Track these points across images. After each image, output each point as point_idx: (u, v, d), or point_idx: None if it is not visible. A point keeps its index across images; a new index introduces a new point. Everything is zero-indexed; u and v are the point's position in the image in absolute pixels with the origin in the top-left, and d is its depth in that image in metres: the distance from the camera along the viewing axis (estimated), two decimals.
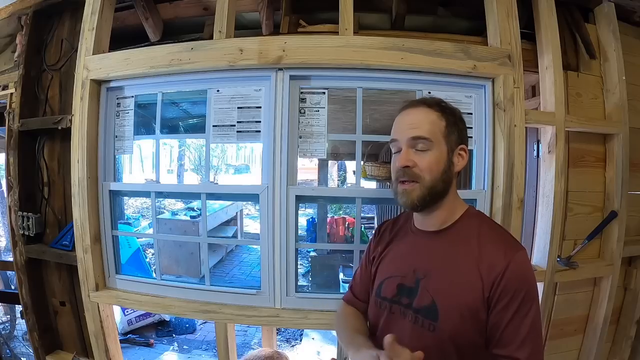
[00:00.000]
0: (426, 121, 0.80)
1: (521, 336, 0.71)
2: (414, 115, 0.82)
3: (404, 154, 0.80)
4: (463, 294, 0.75)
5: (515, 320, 0.72)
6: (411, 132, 0.80)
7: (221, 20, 1.32)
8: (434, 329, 0.76)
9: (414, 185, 0.79)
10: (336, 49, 1.25)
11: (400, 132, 0.82)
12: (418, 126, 0.80)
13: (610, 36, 1.46)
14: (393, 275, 0.86)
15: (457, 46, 1.26)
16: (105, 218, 1.48)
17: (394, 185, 0.84)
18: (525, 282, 0.74)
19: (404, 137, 0.81)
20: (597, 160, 1.50)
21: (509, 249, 0.76)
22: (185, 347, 3.12)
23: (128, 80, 1.43)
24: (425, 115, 0.81)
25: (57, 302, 1.71)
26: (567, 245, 1.46)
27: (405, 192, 0.80)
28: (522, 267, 0.75)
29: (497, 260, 0.74)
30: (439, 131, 0.80)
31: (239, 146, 9.82)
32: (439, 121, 0.81)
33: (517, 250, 0.76)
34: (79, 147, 1.42)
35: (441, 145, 0.80)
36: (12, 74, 1.75)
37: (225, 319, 1.37)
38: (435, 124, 0.80)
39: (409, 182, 0.79)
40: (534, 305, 0.73)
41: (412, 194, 0.79)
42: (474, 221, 0.84)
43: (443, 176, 0.80)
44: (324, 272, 3.62)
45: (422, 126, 0.80)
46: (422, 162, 0.79)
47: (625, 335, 1.62)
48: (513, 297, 0.72)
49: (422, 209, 0.81)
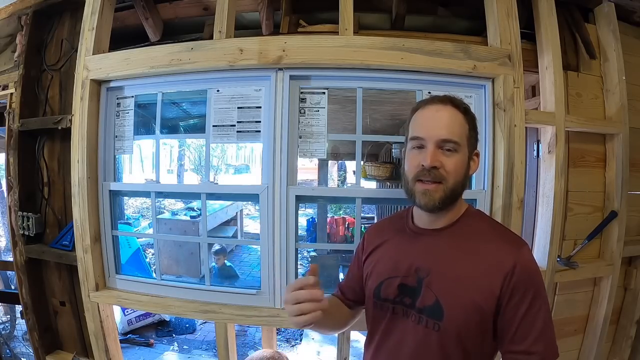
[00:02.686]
0: (456, 123, 0.78)
1: (537, 330, 0.71)
2: (443, 113, 0.78)
3: (432, 153, 0.76)
4: (469, 292, 0.74)
5: (529, 315, 0.72)
6: (442, 133, 0.76)
7: (221, 20, 1.32)
8: (439, 329, 0.76)
9: (438, 187, 0.77)
10: (336, 49, 1.25)
11: (427, 130, 0.78)
12: (449, 127, 0.77)
13: (610, 36, 1.46)
14: (392, 275, 0.85)
15: (457, 46, 1.26)
16: (105, 218, 1.48)
17: (410, 184, 0.80)
18: (535, 277, 0.74)
19: (433, 136, 0.77)
20: (597, 160, 1.50)
21: (514, 246, 0.77)
22: (185, 347, 3.12)
23: (128, 80, 1.43)
24: (454, 116, 0.79)
25: (57, 302, 1.71)
26: (567, 245, 1.46)
27: (428, 192, 0.77)
28: (530, 263, 0.76)
29: (505, 257, 0.74)
30: (464, 135, 0.79)
31: (239, 146, 9.82)
32: (464, 124, 0.80)
33: (522, 246, 0.77)
34: (79, 147, 1.42)
35: (465, 149, 0.79)
36: (12, 74, 1.75)
37: (225, 319, 1.37)
38: (462, 127, 0.79)
39: (432, 182, 0.77)
40: (545, 299, 0.74)
41: (435, 195, 0.77)
42: (475, 219, 0.84)
43: (463, 180, 0.80)
44: (324, 272, 3.62)
45: (453, 128, 0.77)
46: (449, 164, 0.76)
47: (625, 335, 1.62)
48: (525, 292, 0.72)
49: (440, 210, 0.80)
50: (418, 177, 0.78)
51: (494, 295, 0.73)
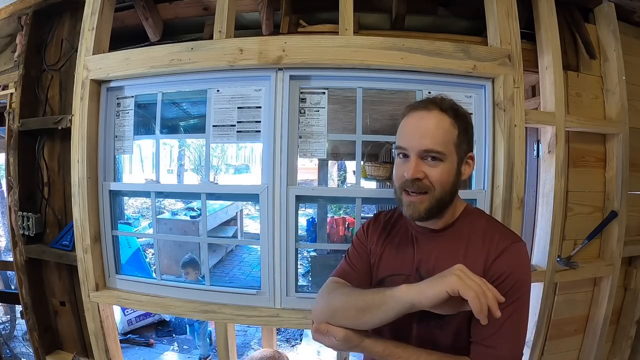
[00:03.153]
0: (440, 131, 0.74)
1: (498, 325, 0.68)
2: (427, 121, 0.74)
3: (414, 164, 0.73)
4: None
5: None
6: (423, 143, 0.73)
7: (221, 20, 1.32)
8: (442, 327, 0.76)
9: (423, 197, 0.75)
10: (336, 49, 1.25)
11: (410, 140, 0.75)
12: (431, 137, 0.73)
13: (610, 36, 1.46)
14: (396, 273, 0.84)
15: (457, 46, 1.26)
16: (105, 218, 1.48)
17: (397, 193, 0.79)
18: (516, 271, 0.72)
19: (415, 147, 0.74)
20: (597, 160, 1.50)
21: (506, 239, 0.76)
22: (185, 347, 3.12)
23: (128, 80, 1.43)
24: (438, 122, 0.74)
25: (57, 302, 1.71)
26: (567, 245, 1.46)
27: (413, 205, 0.75)
28: (517, 256, 0.74)
29: (494, 249, 0.74)
30: (451, 141, 0.75)
31: (239, 146, 9.79)
32: (452, 129, 0.75)
33: (516, 241, 0.76)
34: (79, 147, 1.42)
35: (453, 156, 0.75)
36: (12, 74, 1.75)
37: (225, 319, 1.37)
38: (448, 133, 0.75)
39: (417, 193, 0.75)
40: (520, 297, 0.71)
41: (420, 207, 0.75)
42: (474, 217, 0.84)
43: (452, 188, 0.77)
44: (324, 272, 3.61)
45: (435, 137, 0.73)
46: (434, 174, 0.74)
47: (625, 335, 1.62)
48: (501, 284, 0.70)
49: (427, 220, 0.79)
50: (403, 187, 0.77)
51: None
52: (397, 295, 0.66)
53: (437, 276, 0.64)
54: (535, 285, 1.39)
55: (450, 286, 0.59)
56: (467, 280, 0.59)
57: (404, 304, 0.65)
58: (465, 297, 0.58)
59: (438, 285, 0.61)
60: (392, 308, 0.67)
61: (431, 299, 0.62)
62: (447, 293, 0.60)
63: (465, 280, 0.59)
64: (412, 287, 0.65)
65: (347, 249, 0.97)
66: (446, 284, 0.60)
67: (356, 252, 0.92)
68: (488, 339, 0.70)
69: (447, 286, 0.60)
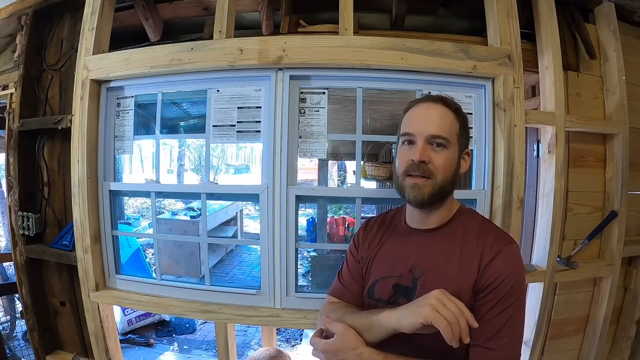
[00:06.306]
0: (446, 120, 0.80)
1: (497, 327, 0.71)
2: (434, 111, 0.80)
3: (421, 148, 0.77)
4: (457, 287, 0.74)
5: (494, 310, 0.72)
6: (432, 129, 0.78)
7: (221, 20, 1.32)
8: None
9: (427, 181, 0.78)
10: (336, 49, 1.25)
11: (417, 126, 0.80)
12: (438, 124, 0.79)
13: (610, 36, 1.46)
14: (387, 275, 0.85)
15: (457, 46, 1.26)
16: (105, 218, 1.48)
17: (400, 179, 0.81)
18: (513, 274, 0.73)
19: (423, 132, 0.78)
20: (597, 160, 1.50)
21: (501, 241, 0.77)
22: (185, 347, 3.12)
23: (128, 80, 1.42)
24: (445, 114, 0.80)
25: (57, 302, 1.71)
26: (567, 245, 1.46)
27: (417, 186, 0.78)
28: (512, 258, 0.76)
29: (488, 250, 0.76)
30: (454, 132, 0.81)
31: (239, 146, 9.80)
32: (455, 122, 0.81)
33: (509, 243, 0.77)
34: (79, 147, 1.42)
35: (455, 146, 0.80)
36: (12, 74, 1.75)
37: (225, 319, 1.37)
38: (453, 125, 0.81)
39: (421, 176, 0.78)
40: (517, 299, 0.73)
41: (424, 189, 0.78)
42: (468, 217, 0.85)
43: (453, 177, 0.81)
44: (324, 272, 3.61)
45: (442, 125, 0.79)
46: (438, 160, 0.78)
47: (625, 335, 1.62)
48: (498, 286, 0.72)
49: (429, 206, 0.80)
50: (408, 172, 0.80)
51: (471, 284, 0.74)
52: (380, 322, 0.73)
53: (415, 304, 0.69)
54: (535, 285, 1.40)
55: (424, 317, 0.65)
56: (441, 310, 0.64)
57: (387, 329, 0.72)
58: (438, 327, 0.63)
59: (413, 315, 0.67)
60: (379, 332, 0.73)
61: (408, 326, 0.68)
62: (421, 324, 0.65)
63: (440, 310, 0.64)
64: (393, 314, 0.71)
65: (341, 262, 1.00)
66: (421, 315, 0.65)
67: (348, 269, 0.95)
68: (487, 342, 0.71)
69: (422, 317, 0.65)
